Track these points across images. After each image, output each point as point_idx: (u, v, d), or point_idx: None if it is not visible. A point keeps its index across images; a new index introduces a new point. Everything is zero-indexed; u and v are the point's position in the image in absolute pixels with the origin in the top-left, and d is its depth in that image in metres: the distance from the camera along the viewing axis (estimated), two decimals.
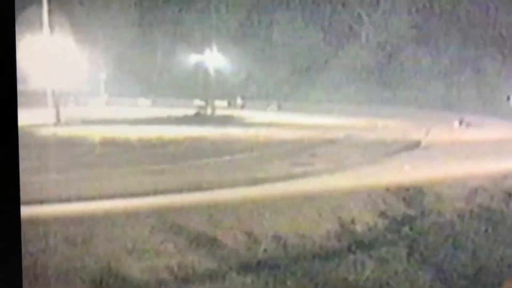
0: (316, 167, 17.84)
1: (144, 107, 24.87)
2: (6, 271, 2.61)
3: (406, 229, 12.72)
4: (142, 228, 11.72)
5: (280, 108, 26.41)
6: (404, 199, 14.11)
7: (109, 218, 12.09)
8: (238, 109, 26.03)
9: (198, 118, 24.95)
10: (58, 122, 21.51)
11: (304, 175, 16.84)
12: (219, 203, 13.58)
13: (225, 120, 25.06)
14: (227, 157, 18.97)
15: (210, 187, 15.27)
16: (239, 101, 25.95)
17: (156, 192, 14.60)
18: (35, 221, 11.80)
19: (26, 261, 10.42)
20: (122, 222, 11.90)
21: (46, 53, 20.49)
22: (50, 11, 18.33)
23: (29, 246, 10.77)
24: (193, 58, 24.57)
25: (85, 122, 22.52)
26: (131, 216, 12.21)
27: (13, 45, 2.75)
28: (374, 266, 11.09)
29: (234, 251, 11.58)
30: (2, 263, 2.61)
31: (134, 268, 10.69)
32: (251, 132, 22.96)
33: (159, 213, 12.59)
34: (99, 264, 10.52)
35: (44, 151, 18.24)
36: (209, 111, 25.63)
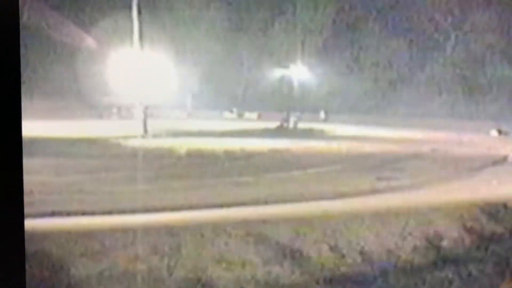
0: (401, 181, 17.64)
1: (229, 120, 25.15)
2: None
3: (494, 245, 12.47)
4: (229, 239, 11.86)
5: (327, 118, 26.26)
6: (492, 215, 13.82)
7: (196, 228, 12.26)
8: (321, 122, 26.00)
9: (281, 131, 25.06)
10: (145, 134, 22.01)
11: (389, 189, 16.67)
12: (304, 216, 13.58)
13: (308, 133, 25.08)
14: (311, 170, 18.97)
15: (294, 199, 15.30)
16: (322, 114, 25.94)
17: (241, 204, 14.73)
18: (122, 230, 12.10)
19: (111, 268, 10.73)
20: (209, 233, 12.06)
21: (135, 67, 21.02)
22: (140, 27, 18.82)
23: (119, 253, 11.07)
24: (278, 72, 24.74)
25: (172, 134, 22.94)
26: (218, 227, 12.35)
27: (18, 53, 2.82)
28: (461, 283, 10.92)
29: (319, 264, 11.59)
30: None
31: (221, 279, 10.84)
32: (334, 145, 22.92)
33: (245, 224, 12.69)
34: (187, 275, 10.71)
35: (132, 162, 18.66)
36: (292, 124, 25.71)
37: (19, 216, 2.96)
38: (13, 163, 2.91)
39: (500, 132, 26.33)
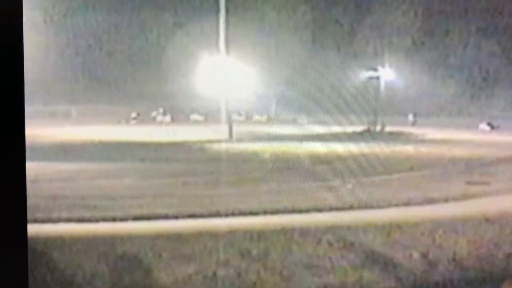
0: (492, 186, 17.07)
1: (313, 124, 25.03)
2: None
3: None
4: (317, 244, 11.70)
5: (415, 121, 25.68)
6: None
7: (283, 233, 12.18)
8: (409, 125, 25.51)
9: (368, 135, 24.73)
10: (230, 138, 22.13)
11: (480, 194, 16.15)
12: (392, 222, 13.28)
13: (395, 137, 24.65)
14: (398, 175, 18.59)
15: (381, 205, 15.04)
16: (410, 117, 25.44)
17: (327, 209, 14.58)
18: (208, 233, 12.14)
19: (199, 272, 10.74)
20: (297, 237, 11.95)
21: (221, 71, 21.18)
22: (226, 33, 18.94)
23: (207, 257, 11.08)
24: (364, 75, 24.41)
25: (256, 138, 22.99)
26: (305, 231, 12.22)
27: (21, 55, 2.70)
28: None
29: (409, 271, 11.29)
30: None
31: (309, 284, 10.69)
32: (423, 149, 22.42)
33: (333, 229, 12.52)
34: (275, 280, 10.61)
35: (217, 166, 18.78)
36: (378, 127, 25.32)
37: (22, 220, 2.88)
38: (15, 166, 2.82)
39: (491, 126, 25.50)
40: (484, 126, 25.75)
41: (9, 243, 2.84)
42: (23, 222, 2.91)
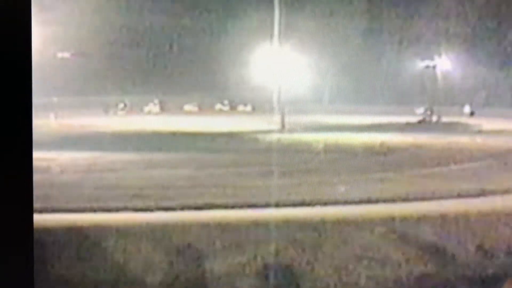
0: None
1: (366, 114, 24.78)
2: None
3: None
4: (371, 236, 11.62)
5: (472, 112, 25.32)
6: None
7: (336, 224, 12.12)
8: (466, 116, 25.04)
9: (423, 125, 24.37)
10: (282, 129, 22.06)
11: None
12: (447, 214, 13.09)
13: (451, 128, 24.24)
14: (454, 167, 18.30)
15: (436, 197, 14.85)
16: (466, 108, 24.96)
17: (380, 200, 14.46)
18: (261, 223, 12.17)
19: (251, 262, 10.76)
20: (350, 229, 11.88)
21: (274, 61, 21.13)
22: (280, 23, 18.88)
23: (259, 246, 11.11)
24: (419, 64, 24.04)
25: (309, 128, 22.89)
26: (358, 223, 12.15)
27: (29, 52, 2.68)
28: None
29: (464, 264, 11.14)
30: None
31: (362, 276, 10.64)
32: (479, 141, 22.00)
33: (387, 221, 12.42)
34: (327, 271, 10.59)
35: (269, 157, 18.76)
36: (434, 118, 24.92)
37: (28, 213, 2.89)
38: (23, 160, 2.83)
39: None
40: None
41: (16, 236, 2.87)
42: (29, 214, 2.94)
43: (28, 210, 2.91)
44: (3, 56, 2.75)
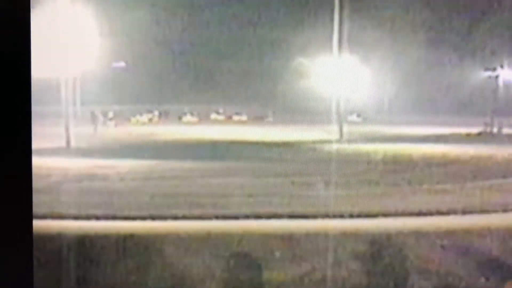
0: None
1: (426, 125, 24.49)
2: None
3: None
4: (432, 248, 11.42)
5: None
6: None
7: (396, 236, 11.94)
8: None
9: (484, 137, 23.94)
10: (341, 139, 21.92)
11: None
12: (509, 227, 12.79)
13: None
14: None
15: (497, 209, 14.53)
16: None
17: (440, 212, 14.22)
18: (318, 234, 12.07)
19: (311, 273, 10.67)
20: (411, 241, 11.69)
21: (333, 72, 21.03)
22: (340, 33, 18.79)
23: (318, 258, 11.01)
24: (481, 75, 23.63)
25: (368, 139, 22.71)
26: (418, 235, 11.94)
27: (28, 54, 2.64)
28: None
29: None
30: None
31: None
32: None
33: (447, 234, 12.19)
34: (388, 283, 10.44)
35: (326, 167, 18.66)
36: (495, 129, 24.45)
37: (27, 217, 2.86)
38: (22, 161, 2.81)
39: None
40: None
41: (15, 239, 2.86)
42: (29, 219, 2.93)
43: (27, 212, 2.91)
44: (2, 56, 2.77)
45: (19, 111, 2.92)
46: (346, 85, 21.36)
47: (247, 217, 13.21)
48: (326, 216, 13.68)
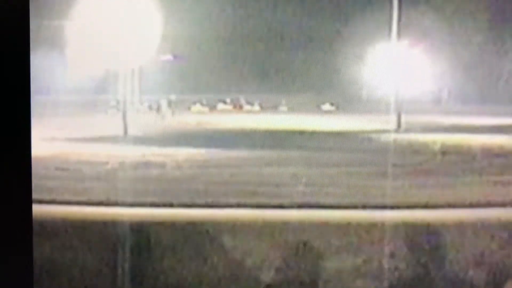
0: None
1: (485, 115, 24.05)
2: None
3: None
4: (492, 240, 11.19)
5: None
6: None
7: (455, 228, 11.75)
8: None
9: None
10: (398, 129, 21.66)
11: None
12: None
13: None
14: None
15: None
16: None
17: (500, 204, 13.94)
18: (375, 225, 11.95)
19: (367, 264, 10.58)
20: (470, 233, 11.49)
21: (392, 61, 20.81)
22: (399, 22, 18.57)
23: (375, 248, 10.90)
24: None
25: (426, 129, 22.41)
26: (477, 226, 11.71)
27: (27, 53, 2.61)
28: None
29: None
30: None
31: (480, 281, 10.30)
32: None
33: (506, 226, 11.93)
34: (447, 275, 10.29)
35: (384, 157, 18.47)
36: None
37: (27, 207, 2.84)
38: (21, 154, 2.79)
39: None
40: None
41: (15, 233, 2.85)
42: (28, 211, 2.91)
43: (27, 205, 2.90)
44: (2, 56, 2.77)
45: (19, 107, 2.94)
46: (404, 75, 21.10)
47: (302, 206, 13.16)
48: (383, 206, 13.55)
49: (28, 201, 3.06)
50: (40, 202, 12.80)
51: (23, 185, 3.03)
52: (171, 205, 12.69)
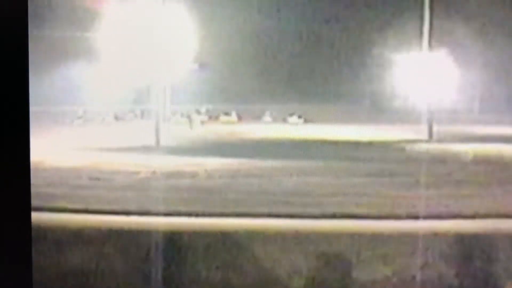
0: None
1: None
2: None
3: None
4: None
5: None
6: None
7: (487, 238, 11.66)
8: None
9: None
10: (430, 139, 21.51)
11: None
12: None
13: None
14: None
15: None
16: None
17: None
18: (407, 235, 11.89)
19: (399, 274, 10.52)
20: (500, 243, 11.39)
21: (423, 70, 20.69)
22: (430, 29, 18.48)
23: (407, 259, 10.84)
24: None
25: (458, 139, 22.20)
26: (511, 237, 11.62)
27: (26, 57, 2.61)
28: None
29: None
30: None
31: None
32: None
33: None
34: (478, 285, 10.20)
35: (416, 167, 18.37)
36: None
37: (26, 212, 2.86)
38: (20, 159, 2.81)
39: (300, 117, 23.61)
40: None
41: (14, 237, 2.88)
42: (27, 215, 2.95)
43: (26, 210, 2.94)
44: (2, 57, 2.80)
45: (18, 111, 2.98)
46: (435, 84, 20.95)
47: (333, 216, 13.15)
48: (415, 217, 13.48)
49: (27, 208, 3.11)
50: (75, 211, 12.97)
51: (23, 192, 3.07)
52: (202, 215, 12.77)
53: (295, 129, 24.08)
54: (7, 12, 2.76)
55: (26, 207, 3.07)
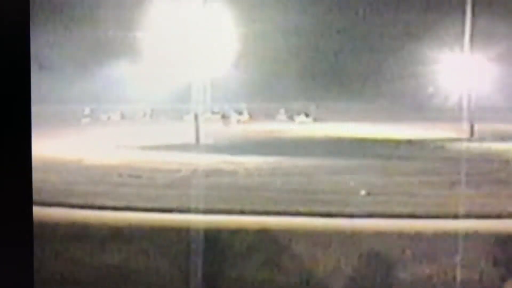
0: None
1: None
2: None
3: None
4: None
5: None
6: None
7: None
8: None
9: None
10: (471, 137, 21.29)
11: None
12: None
13: None
14: None
15: None
16: None
17: None
18: (446, 234, 11.81)
19: (438, 274, 10.45)
20: None
21: (464, 68, 20.49)
22: (472, 28, 18.32)
23: (447, 258, 10.77)
24: None
25: (500, 138, 21.94)
26: None
27: (28, 59, 2.61)
28: None
29: None
30: None
31: None
32: None
33: None
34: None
35: (456, 166, 18.21)
36: None
37: (28, 206, 2.88)
38: (22, 157, 2.83)
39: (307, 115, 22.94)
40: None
41: (16, 233, 2.90)
42: (29, 212, 2.97)
43: (28, 207, 2.97)
44: (2, 56, 2.82)
45: (19, 109, 3.01)
46: (477, 83, 20.73)
47: (374, 216, 13.11)
48: (456, 216, 13.38)
49: (29, 204, 3.14)
50: (115, 209, 13.13)
51: (24, 189, 3.11)
52: (242, 212, 12.82)
53: (334, 128, 23.99)
54: (9, 12, 2.81)
55: (27, 207, 3.13)
